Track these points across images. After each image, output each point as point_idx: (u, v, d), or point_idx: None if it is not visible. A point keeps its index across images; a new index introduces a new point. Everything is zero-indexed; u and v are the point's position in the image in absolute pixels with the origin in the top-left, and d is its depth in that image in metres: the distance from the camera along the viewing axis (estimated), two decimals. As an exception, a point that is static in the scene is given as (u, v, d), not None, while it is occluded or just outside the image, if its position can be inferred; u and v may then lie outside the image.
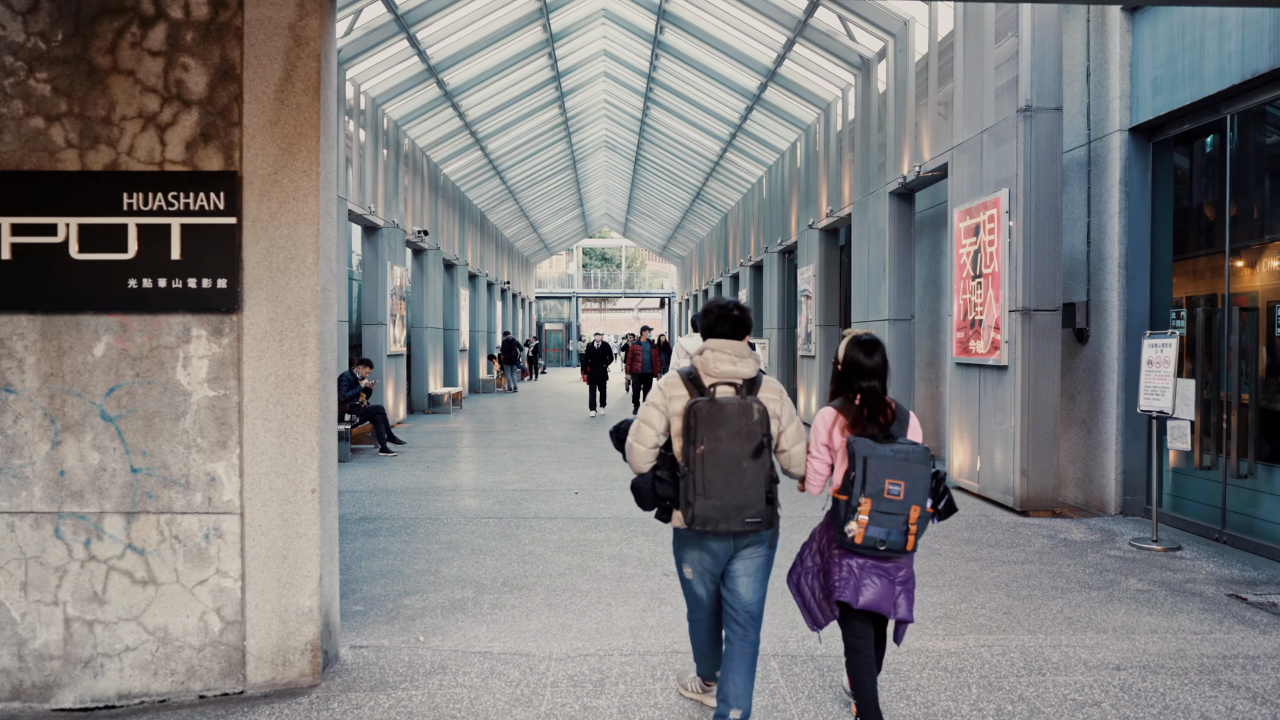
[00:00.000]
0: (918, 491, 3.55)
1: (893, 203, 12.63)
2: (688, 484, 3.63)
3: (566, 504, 9.20)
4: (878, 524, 3.54)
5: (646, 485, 3.77)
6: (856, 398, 3.79)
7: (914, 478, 3.54)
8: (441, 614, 5.61)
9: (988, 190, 9.45)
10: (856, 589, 3.70)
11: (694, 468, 3.61)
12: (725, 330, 3.85)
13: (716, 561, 3.83)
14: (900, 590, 3.74)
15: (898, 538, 3.56)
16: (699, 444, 3.60)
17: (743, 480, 3.60)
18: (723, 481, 3.59)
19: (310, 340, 4.53)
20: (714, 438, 3.59)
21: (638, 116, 23.80)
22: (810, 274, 16.90)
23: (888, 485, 3.52)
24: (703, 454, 3.59)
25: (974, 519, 8.51)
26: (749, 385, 3.74)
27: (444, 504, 9.23)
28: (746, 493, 3.60)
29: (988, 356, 9.30)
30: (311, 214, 4.53)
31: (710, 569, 3.86)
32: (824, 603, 3.84)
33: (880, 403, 3.76)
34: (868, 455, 3.56)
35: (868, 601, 3.68)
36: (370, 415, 13.32)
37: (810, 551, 3.94)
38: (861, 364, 3.79)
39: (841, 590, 3.72)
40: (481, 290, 28.40)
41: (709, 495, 3.59)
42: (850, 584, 3.71)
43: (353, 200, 14.85)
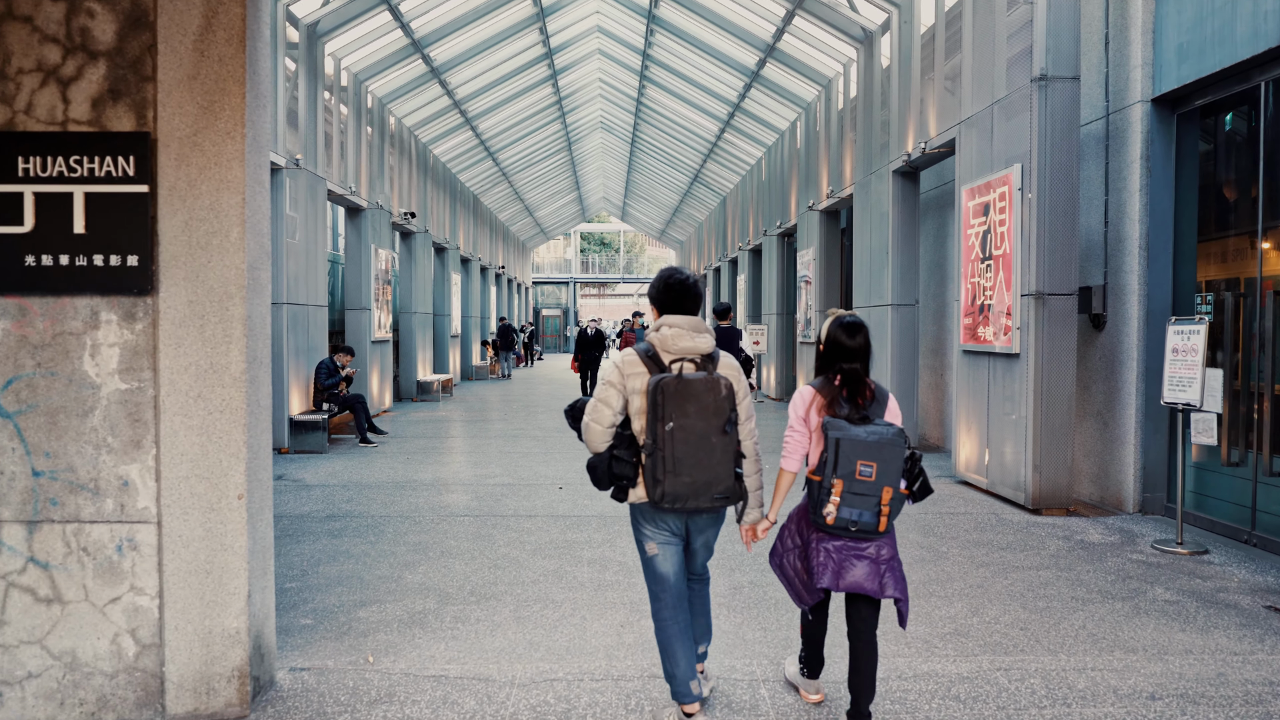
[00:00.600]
0: (890, 473, 3.54)
1: (896, 182, 12.04)
2: (656, 462, 3.60)
3: (549, 500, 8.66)
4: (850, 505, 3.54)
5: (603, 465, 3.74)
6: (836, 378, 3.77)
7: (886, 459, 3.53)
8: (398, 628, 5.07)
9: (998, 166, 8.87)
10: (837, 573, 3.67)
11: (663, 445, 3.58)
12: (682, 306, 3.81)
13: (677, 536, 3.85)
14: (885, 569, 3.68)
15: (870, 519, 3.55)
16: (667, 421, 3.57)
17: (712, 457, 3.60)
18: (692, 459, 3.58)
19: (236, 326, 3.97)
20: (682, 414, 3.57)
21: (633, 96, 23.15)
22: (810, 257, 16.31)
23: (859, 466, 3.52)
24: (672, 431, 3.57)
25: (983, 518, 7.96)
26: (706, 361, 3.74)
27: (419, 500, 8.69)
28: (716, 469, 3.61)
29: (998, 344, 8.74)
30: (236, 181, 3.96)
31: (672, 543, 3.85)
32: (808, 582, 3.82)
33: (860, 384, 3.74)
34: (840, 436, 3.55)
35: (851, 584, 3.64)
36: (350, 404, 12.77)
37: (790, 532, 3.92)
38: (844, 345, 3.76)
39: (821, 576, 3.68)
40: (475, 275, 27.81)
41: (679, 473, 3.58)
42: (829, 569, 3.68)
43: (333, 180, 14.26)
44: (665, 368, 3.70)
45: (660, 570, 3.85)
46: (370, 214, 16.06)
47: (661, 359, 3.73)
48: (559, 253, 59.00)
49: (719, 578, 6.03)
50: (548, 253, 58.49)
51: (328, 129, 14.23)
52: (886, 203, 12.24)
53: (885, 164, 12.35)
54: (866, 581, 3.64)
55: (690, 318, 3.81)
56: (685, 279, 3.85)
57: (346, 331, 15.92)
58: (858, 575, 3.64)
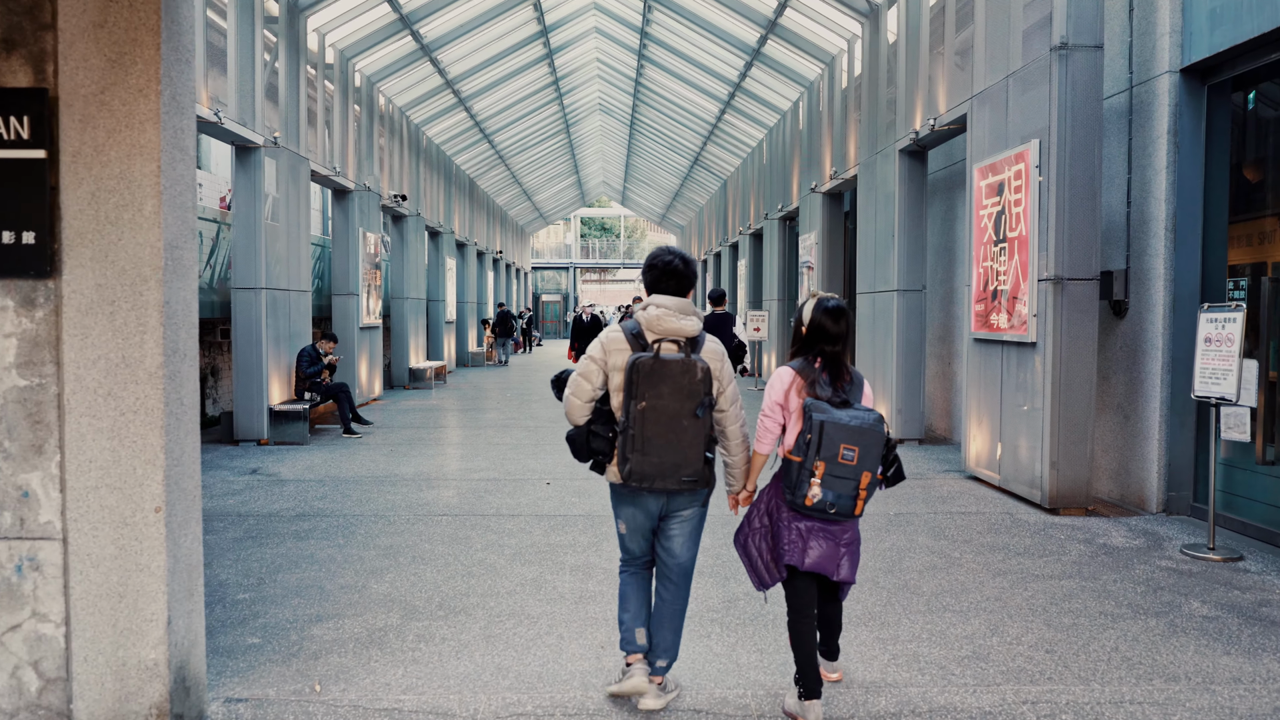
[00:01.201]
0: (871, 458, 3.57)
1: (903, 162, 11.47)
2: (626, 440, 3.64)
3: (535, 497, 8.16)
4: (829, 487, 3.56)
5: (581, 438, 3.78)
6: (817, 361, 3.76)
7: (868, 444, 3.55)
8: (354, 649, 4.57)
9: (1013, 143, 8.32)
10: (803, 552, 3.69)
11: (633, 424, 3.62)
12: (671, 287, 3.79)
13: (650, 517, 3.86)
14: (845, 552, 3.75)
15: (847, 502, 3.58)
16: (640, 400, 3.60)
17: (682, 438, 3.62)
18: (662, 439, 3.61)
19: (151, 313, 3.45)
20: (655, 394, 3.60)
21: (632, 77, 22.55)
22: (812, 241, 15.76)
23: (842, 450, 3.54)
24: (643, 410, 3.60)
25: (996, 518, 7.45)
26: (691, 343, 3.72)
27: (397, 497, 8.19)
28: (685, 451, 3.63)
29: (1012, 332, 8.21)
30: (150, 146, 3.43)
31: (644, 525, 3.88)
32: (772, 564, 3.82)
33: (840, 368, 3.76)
34: (825, 419, 3.55)
35: (812, 563, 3.68)
36: (333, 393, 12.26)
37: (758, 513, 3.88)
38: (827, 329, 3.75)
39: (790, 553, 3.70)
40: (471, 260, 27.26)
41: (647, 452, 3.62)
42: (798, 547, 3.70)
43: (317, 160, 13.71)
44: (648, 347, 3.68)
45: (629, 544, 3.96)
46: (358, 196, 15.51)
47: (646, 338, 3.71)
48: (559, 238, 58.41)
49: (711, 588, 5.53)
50: (548, 238, 57.90)
51: (311, 107, 13.67)
52: (893, 184, 11.68)
53: (891, 143, 11.78)
54: (827, 563, 3.70)
55: (678, 299, 3.78)
56: (674, 260, 3.81)
57: (334, 318, 15.40)
58: (818, 555, 3.69)
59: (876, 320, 12.31)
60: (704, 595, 5.39)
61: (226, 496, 8.23)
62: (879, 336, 12.19)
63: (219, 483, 8.89)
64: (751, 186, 22.25)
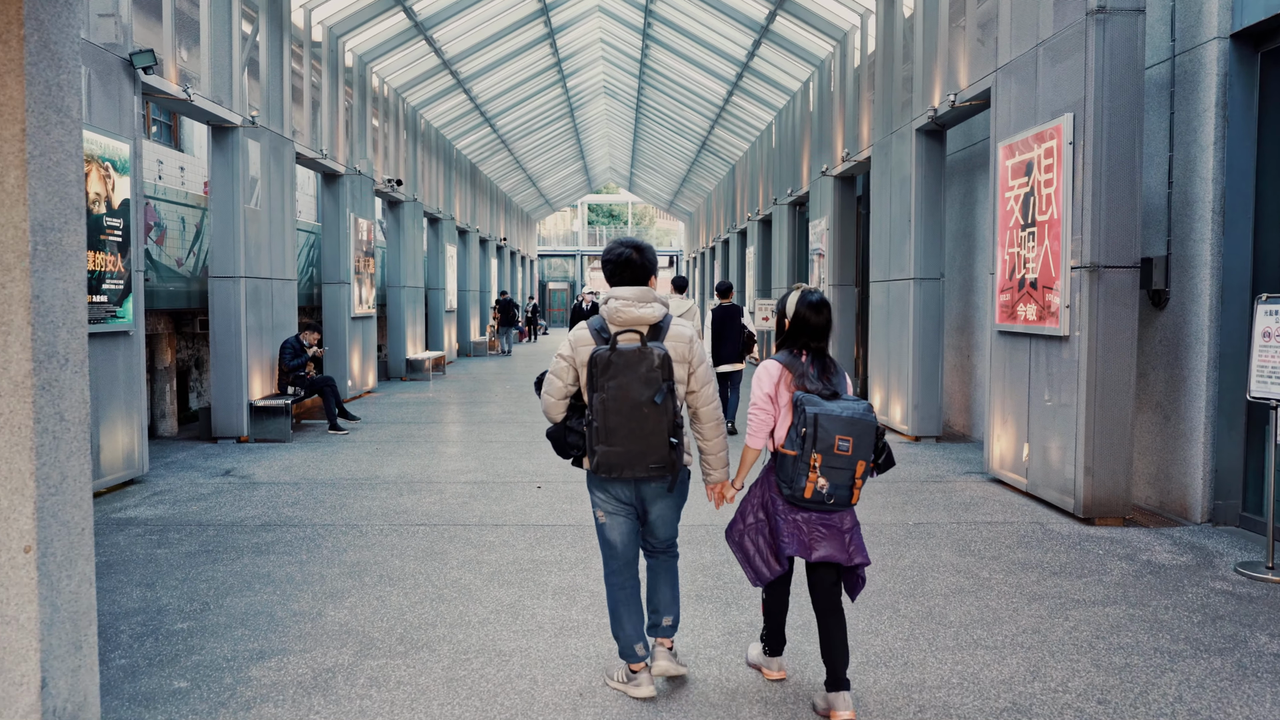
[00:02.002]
0: (864, 447, 3.60)
1: (920, 142, 10.78)
2: (592, 431, 3.69)
3: (522, 503, 7.54)
4: (826, 478, 3.58)
5: (558, 434, 3.87)
6: (802, 354, 3.80)
7: (860, 434, 3.58)
8: (295, 696, 3.95)
9: (1044, 118, 7.63)
10: (809, 545, 3.70)
11: (596, 415, 3.67)
12: (627, 277, 3.82)
13: (626, 505, 3.89)
14: (849, 537, 3.75)
15: (844, 492, 3.61)
16: (600, 391, 3.65)
17: (644, 427, 3.64)
18: (625, 429, 3.65)
19: (16, 310, 2.82)
20: (614, 385, 3.63)
21: (636, 57, 21.82)
22: (823, 227, 15.06)
23: (838, 441, 3.56)
24: (604, 402, 3.65)
25: (1026, 530, 6.79)
26: (653, 331, 3.75)
27: (374, 503, 7.58)
28: (648, 439, 3.65)
29: (1042, 324, 7.53)
30: (12, 104, 2.80)
31: (620, 511, 3.90)
32: (771, 558, 3.82)
33: (825, 360, 3.80)
34: (818, 412, 3.58)
35: (822, 555, 3.69)
36: (318, 388, 11.66)
37: (752, 508, 3.88)
38: (810, 321, 3.80)
39: (790, 545, 3.70)
40: (473, 247, 26.63)
41: (612, 442, 3.66)
42: (798, 539, 3.71)
43: (304, 142, 13.08)
44: (611, 340, 3.68)
45: (609, 537, 3.94)
46: (349, 180, 14.87)
47: (609, 331, 3.73)
48: (566, 225, 57.71)
49: (711, 616, 4.90)
50: (555, 225, 57.22)
51: (297, 86, 13.03)
52: (909, 165, 10.98)
53: (908, 122, 11.08)
54: (837, 552, 3.69)
55: (636, 288, 3.79)
56: (626, 250, 3.84)
57: (324, 307, 14.80)
58: (827, 546, 3.69)
59: (891, 310, 11.64)
60: (702, 625, 4.76)
61: (191, 502, 7.63)
62: (894, 327, 11.52)
63: (186, 486, 8.30)
64: (760, 171, 21.53)
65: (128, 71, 8.25)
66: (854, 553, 3.73)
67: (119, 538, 6.50)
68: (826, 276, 14.87)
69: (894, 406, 11.46)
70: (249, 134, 10.93)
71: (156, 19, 9.16)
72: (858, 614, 4.93)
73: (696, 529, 6.61)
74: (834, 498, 3.60)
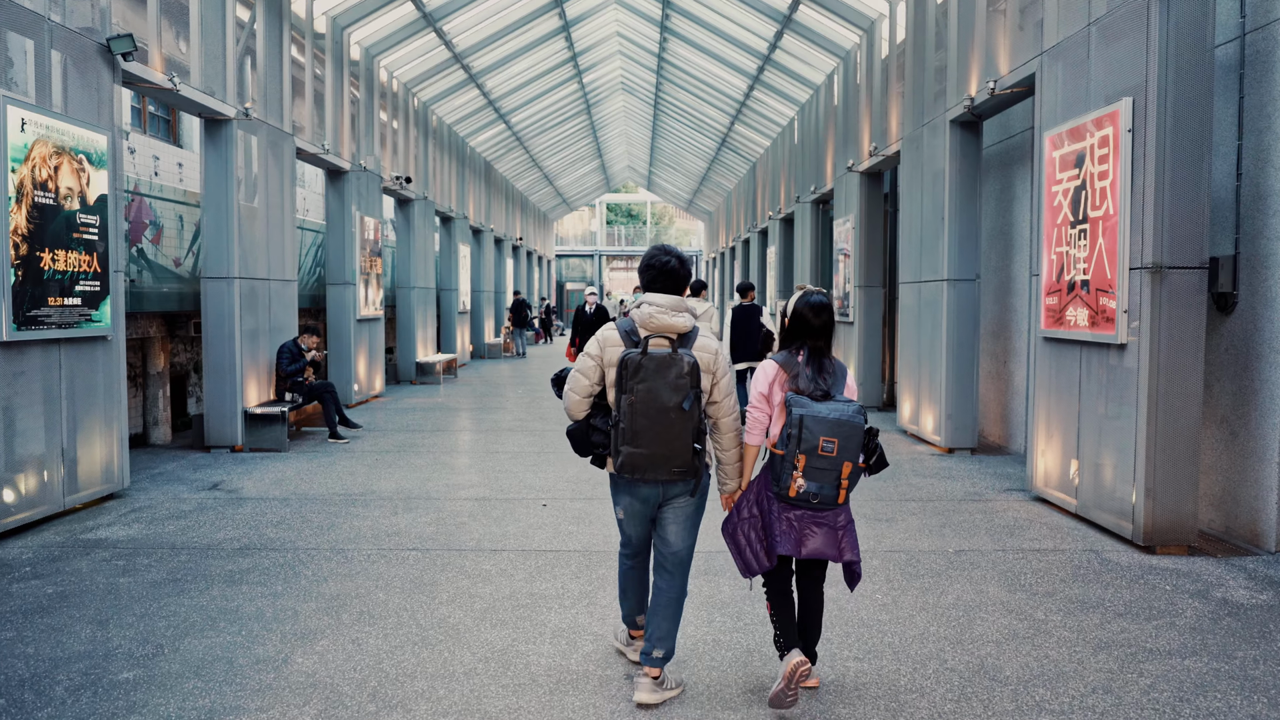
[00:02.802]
0: (850, 449, 3.61)
1: (954, 135, 10.10)
2: (618, 433, 3.75)
3: (526, 524, 6.94)
4: (811, 478, 3.61)
5: (580, 433, 3.93)
6: (800, 354, 3.84)
7: (847, 435, 3.60)
8: (240, 771, 3.36)
9: (1097, 103, 6.95)
10: (799, 541, 3.76)
11: (623, 417, 3.72)
12: (666, 286, 3.89)
13: (646, 506, 3.95)
14: (842, 534, 3.81)
15: (830, 491, 3.64)
16: (629, 394, 3.71)
17: (670, 431, 3.70)
18: (651, 432, 3.71)
19: None
20: (644, 389, 3.70)
21: (654, 51, 21.20)
22: (849, 227, 14.39)
23: (822, 442, 3.57)
24: (632, 404, 3.71)
25: (1081, 559, 6.12)
26: (682, 339, 3.83)
27: (365, 523, 7.00)
28: (673, 444, 3.71)
29: (1095, 330, 6.86)
30: None
31: (640, 513, 3.98)
32: (762, 552, 3.85)
33: (822, 360, 3.82)
34: (804, 413, 3.61)
35: (812, 551, 3.75)
36: (318, 394, 11.11)
37: (747, 503, 3.94)
38: (809, 322, 3.84)
39: (783, 543, 3.76)
40: (487, 247, 26.08)
41: (637, 444, 3.72)
42: (791, 537, 3.76)
43: (305, 137, 12.54)
44: (640, 343, 3.77)
45: (626, 530, 4.08)
46: (354, 177, 14.34)
47: (639, 335, 3.82)
48: (584, 224, 57.19)
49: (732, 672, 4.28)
50: (572, 225, 56.72)
51: (299, 77, 12.50)
52: (942, 159, 10.31)
53: (941, 114, 10.41)
54: (828, 549, 3.76)
55: (670, 296, 3.88)
56: (668, 261, 3.91)
57: (328, 309, 14.27)
58: (818, 543, 3.76)
59: (922, 313, 10.97)
60: (720, 681, 4.14)
61: (169, 521, 7.08)
62: (925, 332, 10.85)
63: (168, 502, 7.75)
64: (782, 168, 20.86)
65: (105, 58, 7.71)
66: (845, 550, 3.80)
67: (82, 563, 5.95)
68: (852, 277, 14.20)
69: (925, 416, 10.79)
70: (244, 127, 10.39)
71: (141, 2, 8.62)
72: (900, 666, 4.30)
73: (715, 555, 5.99)
74: (819, 498, 3.64)
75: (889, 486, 8.42)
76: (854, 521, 3.88)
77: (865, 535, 6.67)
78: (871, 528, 6.89)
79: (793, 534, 3.75)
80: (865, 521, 7.11)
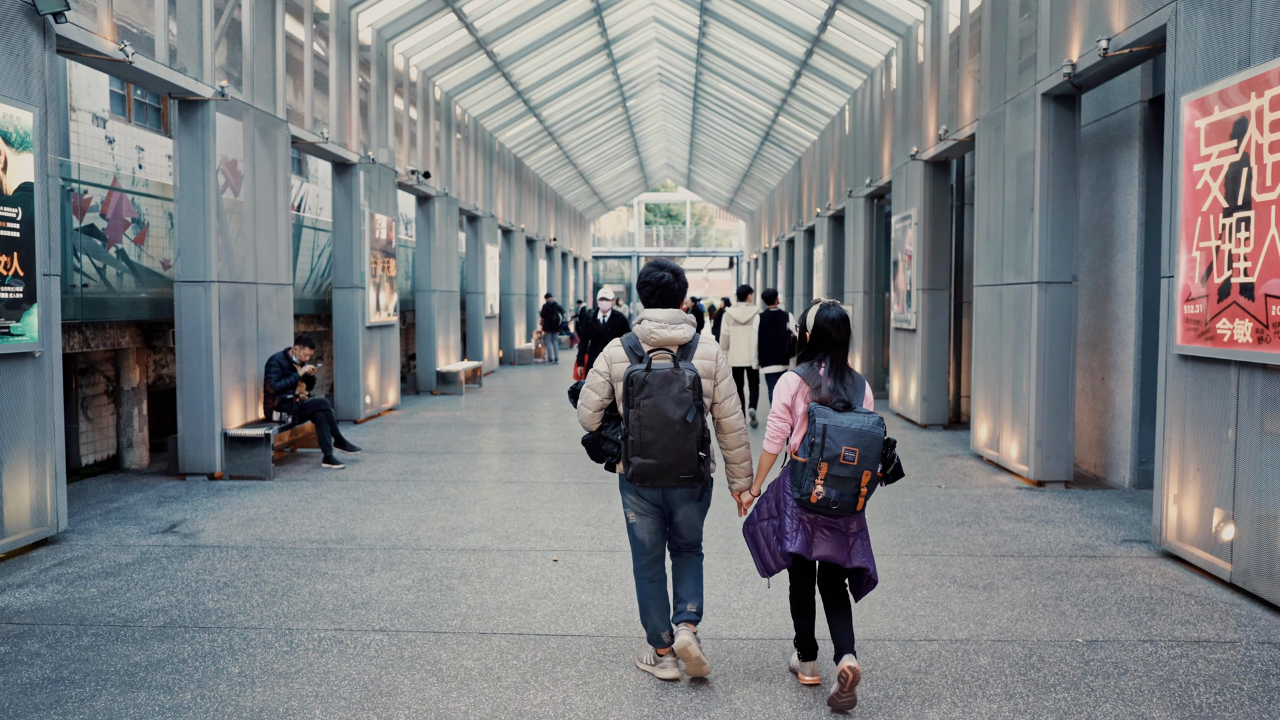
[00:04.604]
0: (870, 459, 3.74)
1: (1047, 111, 8.54)
2: (627, 444, 3.98)
3: (529, 590, 5.54)
4: (832, 486, 3.74)
5: (593, 442, 4.22)
6: (821, 366, 3.99)
7: (867, 446, 3.74)
8: None
9: (1263, 55, 5.40)
10: (809, 543, 3.90)
11: (632, 430, 3.95)
12: (660, 300, 4.13)
13: (655, 506, 4.18)
14: (854, 541, 3.95)
15: (849, 499, 3.77)
16: (636, 409, 3.93)
17: (676, 442, 3.92)
18: (658, 443, 3.93)
19: None
20: (649, 404, 3.91)
21: (694, 37, 19.75)
22: (911, 221, 12.83)
23: (844, 452, 3.72)
24: (639, 418, 3.93)
25: (1262, 659, 4.57)
26: (683, 350, 4.06)
27: (332, 586, 5.64)
28: (680, 453, 3.94)
29: (1264, 348, 5.30)
30: None
31: (650, 513, 4.20)
32: (778, 553, 4.01)
33: (842, 372, 3.97)
34: (827, 423, 3.76)
35: (821, 554, 3.92)
36: (310, 413, 9.80)
37: (767, 504, 4.11)
38: (830, 336, 3.98)
39: (792, 541, 3.91)
40: (518, 247, 24.77)
41: (646, 455, 3.95)
42: (801, 536, 3.91)
43: (303, 124, 11.28)
44: (644, 358, 3.99)
45: (638, 535, 4.27)
46: (363, 170, 13.05)
47: (642, 349, 4.05)
48: (622, 225, 55.89)
49: None
50: (610, 225, 55.42)
51: (296, 58, 11.24)
52: (1031, 140, 8.76)
53: (1030, 87, 8.85)
54: (837, 553, 3.93)
55: (668, 310, 4.10)
56: (663, 276, 4.13)
57: (335, 315, 13.00)
58: (828, 548, 3.91)
59: (1004, 321, 9.41)
60: None
61: (95, 580, 5.77)
62: (1008, 343, 9.30)
63: (107, 551, 6.45)
64: (831, 161, 19.30)
65: (33, 20, 6.44)
66: (854, 555, 3.94)
67: (-45, 649, 4.64)
68: (915, 279, 12.65)
69: (1008, 441, 9.22)
70: (227, 110, 9.12)
71: (86, -41, 7.36)
72: None
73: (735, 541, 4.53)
74: (837, 504, 3.77)
75: (975, 533, 6.91)
76: (867, 530, 4.04)
77: (960, 609, 5.19)
78: (966, 598, 5.40)
79: (803, 534, 3.92)
80: (955, 586, 5.63)
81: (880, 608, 5.26)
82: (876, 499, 8.10)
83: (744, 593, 5.52)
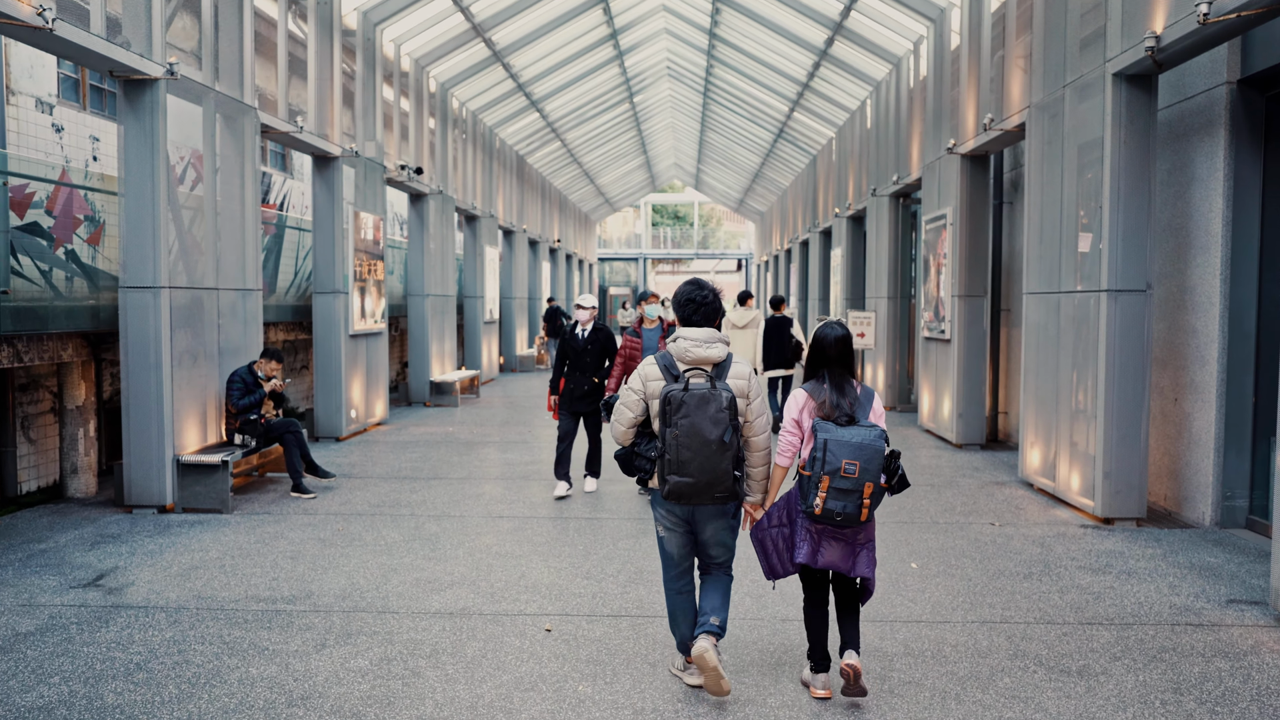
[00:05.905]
0: (872, 471, 3.89)
1: (1119, 93, 7.42)
2: (664, 463, 4.05)
3: (514, 675, 4.42)
4: (835, 498, 3.88)
5: (626, 456, 4.30)
6: (825, 381, 4.15)
7: (868, 458, 3.88)
8: None
9: None
10: (814, 552, 4.07)
11: (669, 449, 4.02)
12: (700, 319, 4.25)
13: (685, 521, 4.23)
14: (860, 549, 4.10)
15: (853, 510, 3.89)
16: (673, 428, 4.00)
17: (712, 461, 3.99)
18: (695, 463, 3.99)
19: None
20: (686, 424, 3.98)
21: (704, 26, 18.63)
22: (945, 221, 11.71)
23: (844, 465, 3.86)
24: (677, 437, 3.99)
25: None
26: (718, 369, 4.17)
27: (267, 671, 4.53)
28: (716, 472, 4.01)
29: None
30: None
31: (679, 527, 4.25)
32: (785, 559, 4.21)
33: (845, 388, 4.12)
34: (828, 438, 3.92)
35: (826, 562, 4.07)
36: (279, 435, 8.69)
37: (778, 511, 4.25)
38: (825, 352, 4.18)
39: (799, 550, 4.09)
40: (520, 249, 23.67)
41: (683, 474, 4.01)
42: (808, 545, 4.07)
43: (276, 112, 10.19)
44: (680, 376, 4.09)
45: (668, 549, 4.33)
46: (346, 164, 11.97)
47: (677, 368, 4.14)
48: (629, 226, 54.74)
49: None
50: (616, 227, 54.29)
51: (267, 37, 10.15)
52: (1099, 126, 7.63)
53: (1097, 66, 7.73)
54: (840, 561, 4.07)
55: (704, 329, 4.23)
56: (705, 296, 4.26)
57: (315, 323, 11.90)
58: (833, 555, 4.06)
59: (1061, 334, 8.29)
60: None
61: (-24, 660, 4.68)
62: (1065, 359, 8.17)
63: (6, 616, 5.35)
64: (851, 158, 18.17)
65: (-79, -27, 5.36)
66: (858, 564, 4.09)
67: None
68: (949, 285, 11.52)
69: (1067, 470, 8.09)
70: (179, 92, 8.03)
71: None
72: None
73: None
74: (842, 516, 3.90)
75: (1049, 589, 5.79)
76: (874, 541, 4.14)
77: (1057, 709, 4.07)
78: (1060, 690, 4.27)
79: (810, 544, 4.07)
80: (1043, 671, 4.52)
81: (955, 703, 4.15)
82: (922, 538, 7.03)
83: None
